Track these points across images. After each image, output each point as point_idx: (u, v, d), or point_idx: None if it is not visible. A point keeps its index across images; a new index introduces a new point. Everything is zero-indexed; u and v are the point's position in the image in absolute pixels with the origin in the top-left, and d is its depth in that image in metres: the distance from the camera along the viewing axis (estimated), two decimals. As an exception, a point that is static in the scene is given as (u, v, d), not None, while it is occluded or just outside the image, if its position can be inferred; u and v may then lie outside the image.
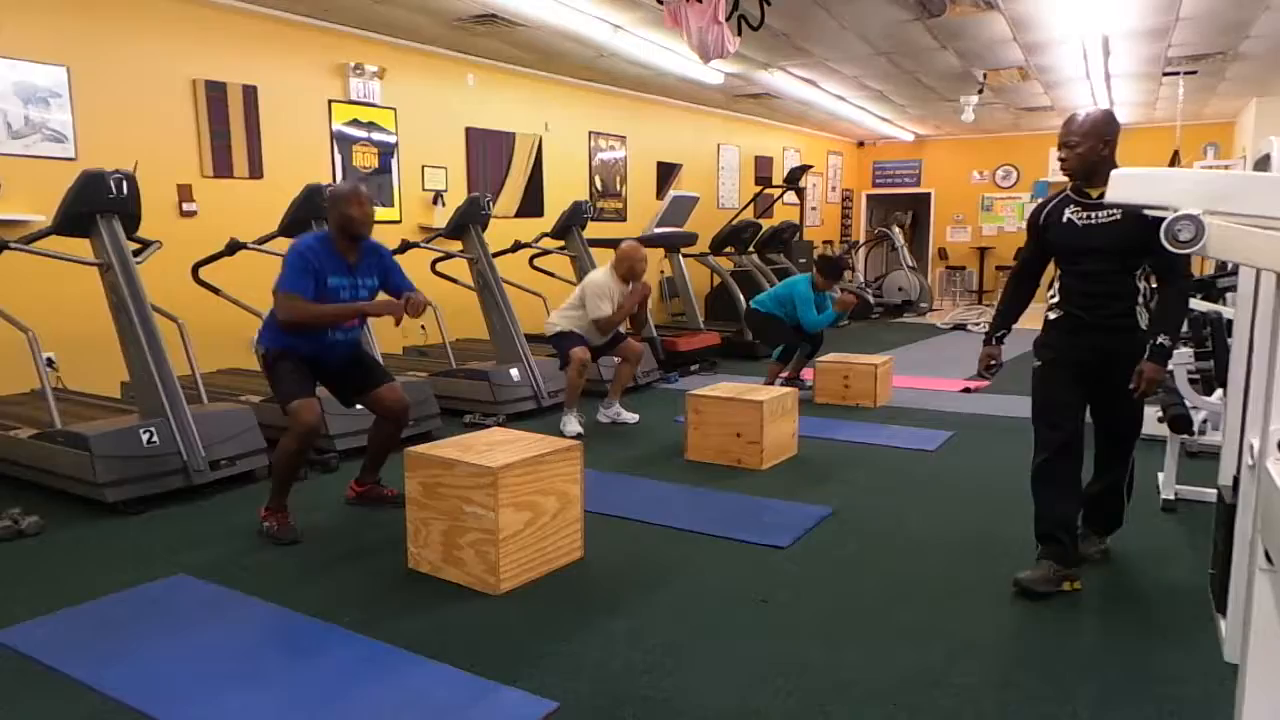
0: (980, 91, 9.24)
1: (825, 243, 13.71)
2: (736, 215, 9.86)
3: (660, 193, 10.09)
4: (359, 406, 3.77)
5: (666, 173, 10.42)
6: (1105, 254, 2.69)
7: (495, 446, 3.01)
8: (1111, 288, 2.72)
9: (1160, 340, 2.62)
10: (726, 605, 2.75)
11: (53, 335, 4.17)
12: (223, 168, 6.03)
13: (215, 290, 4.83)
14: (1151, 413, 3.27)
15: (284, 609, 2.70)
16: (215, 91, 5.94)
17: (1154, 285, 2.76)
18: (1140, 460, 3.06)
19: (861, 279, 13.24)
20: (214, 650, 2.43)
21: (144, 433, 3.72)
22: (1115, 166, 2.33)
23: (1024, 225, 3.55)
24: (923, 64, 8.09)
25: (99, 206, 3.84)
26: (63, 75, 5.22)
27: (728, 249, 8.94)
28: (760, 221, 9.59)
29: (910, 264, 12.49)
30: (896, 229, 12.74)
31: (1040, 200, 3.01)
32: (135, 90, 5.55)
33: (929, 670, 2.32)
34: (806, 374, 6.44)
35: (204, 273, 4.86)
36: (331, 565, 3.10)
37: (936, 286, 13.85)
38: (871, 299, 11.74)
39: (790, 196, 11.59)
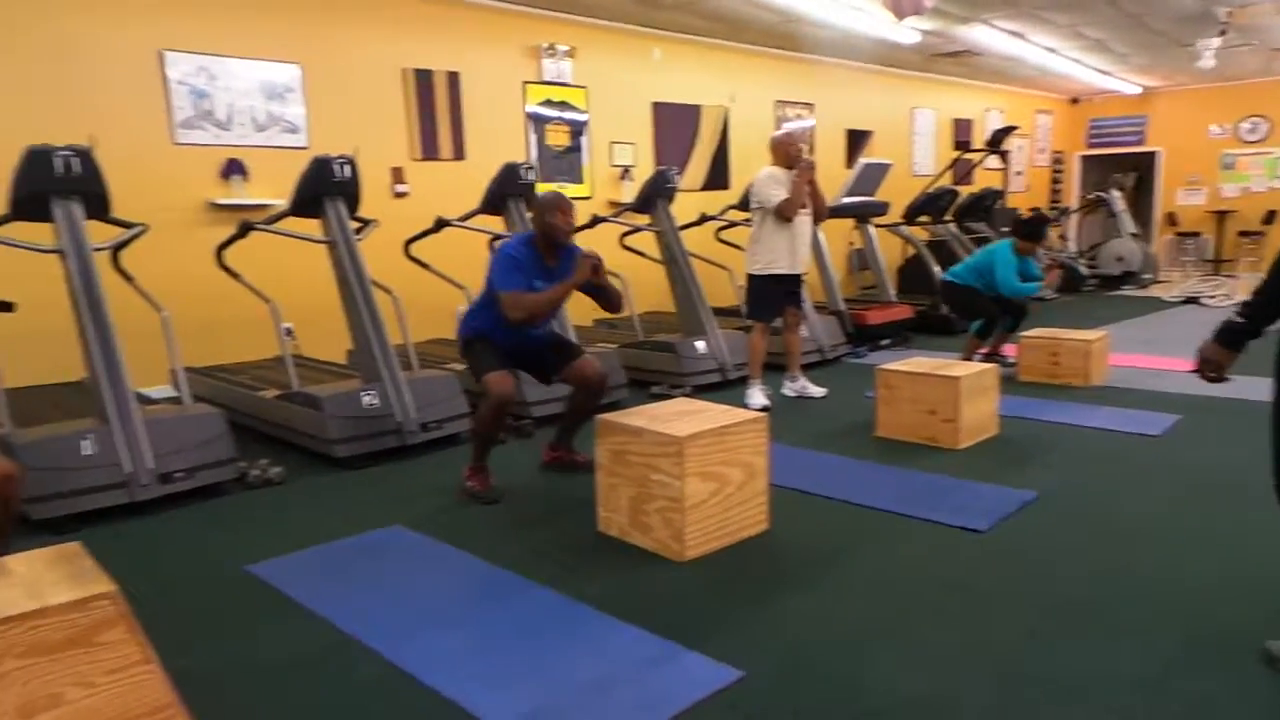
0: (1223, 33, 8.20)
1: (1032, 209, 12.74)
2: (932, 182, 9.37)
3: (850, 161, 9.75)
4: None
5: (856, 140, 10.06)
6: None
7: (681, 416, 3.06)
8: None
9: None
10: (918, 588, 2.66)
11: (290, 307, 4.65)
12: (430, 150, 6.45)
13: (424, 265, 5.20)
14: None
15: (484, 562, 2.89)
16: (423, 79, 6.35)
17: None
18: None
19: (1073, 248, 12.22)
20: (424, 595, 2.65)
21: (365, 395, 4.08)
22: None
23: (1278, 184, 3.07)
24: (1150, 5, 7.28)
25: (327, 189, 4.23)
26: (297, 72, 5.77)
27: (922, 218, 8.53)
28: (958, 188, 9.06)
29: (1132, 231, 11.35)
30: (1116, 192, 11.59)
31: None
32: (355, 82, 6.05)
33: (1149, 674, 2.13)
34: (1009, 350, 6.05)
35: (414, 249, 5.24)
36: (527, 524, 3.28)
37: (1162, 255, 12.52)
38: (1085, 269, 10.82)
39: (993, 160, 10.85)
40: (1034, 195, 13.18)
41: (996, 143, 9.93)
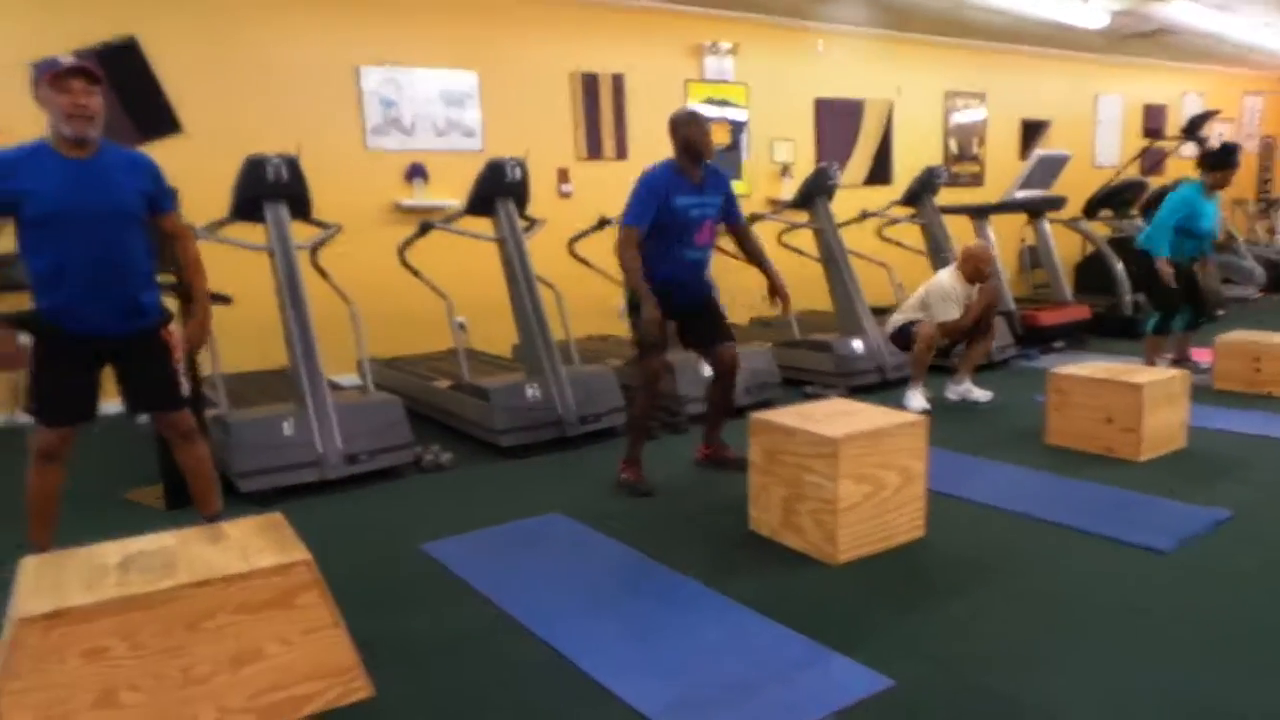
0: None
1: (1235, 203, 11.58)
2: (1117, 174, 8.70)
3: (1024, 153, 9.23)
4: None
5: (1032, 131, 9.50)
6: None
7: (836, 417, 3.02)
8: None
9: None
10: (1089, 608, 2.51)
11: (463, 302, 4.94)
12: (594, 151, 6.65)
13: (586, 263, 5.37)
14: None
15: (637, 552, 2.98)
16: (589, 82, 6.56)
17: None
18: None
19: (1284, 243, 11.01)
20: (580, 581, 2.76)
21: (529, 388, 4.28)
22: None
23: None
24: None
25: (499, 190, 4.46)
26: (474, 79, 6.11)
27: (1104, 212, 7.94)
28: (1147, 180, 8.38)
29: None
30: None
31: None
32: (527, 87, 6.33)
33: (1355, 716, 1.93)
34: (1201, 354, 5.56)
35: (577, 247, 5.42)
36: (679, 519, 3.34)
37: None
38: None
39: (1188, 149, 9.94)
40: (1238, 185, 11.94)
41: (1193, 130, 9.08)
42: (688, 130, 3.52)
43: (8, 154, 2.50)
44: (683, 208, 3.54)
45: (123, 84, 5.07)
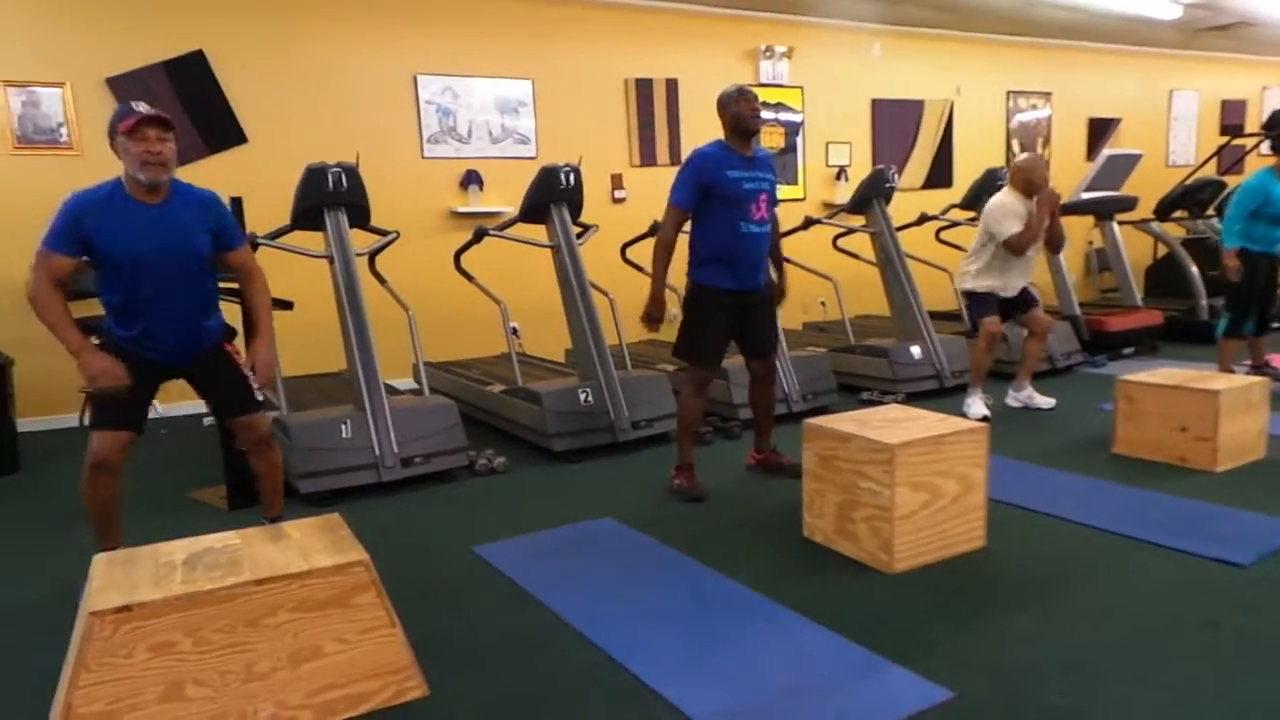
0: None
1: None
2: (1192, 173, 8.39)
3: (1091, 153, 8.97)
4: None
5: (1100, 129, 9.23)
6: None
7: (893, 423, 2.97)
8: None
9: None
10: (1158, 622, 2.41)
11: (516, 307, 4.98)
12: (648, 156, 6.67)
13: (639, 268, 5.37)
14: None
15: (690, 558, 2.96)
16: (643, 88, 6.58)
17: None
18: None
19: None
20: (632, 586, 2.76)
21: (582, 393, 4.30)
22: None
23: None
24: None
25: (553, 196, 4.49)
26: (528, 87, 6.18)
27: (1178, 213, 7.66)
28: (1225, 179, 8.06)
29: None
30: None
31: None
32: (582, 94, 6.37)
33: None
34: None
35: (630, 252, 5.43)
36: (732, 525, 3.31)
37: None
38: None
39: (1269, 146, 9.54)
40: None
41: (1276, 125, 8.71)
42: (736, 107, 3.50)
43: (87, 198, 2.61)
44: (735, 180, 3.50)
45: (190, 97, 5.26)
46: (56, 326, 2.57)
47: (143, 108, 2.59)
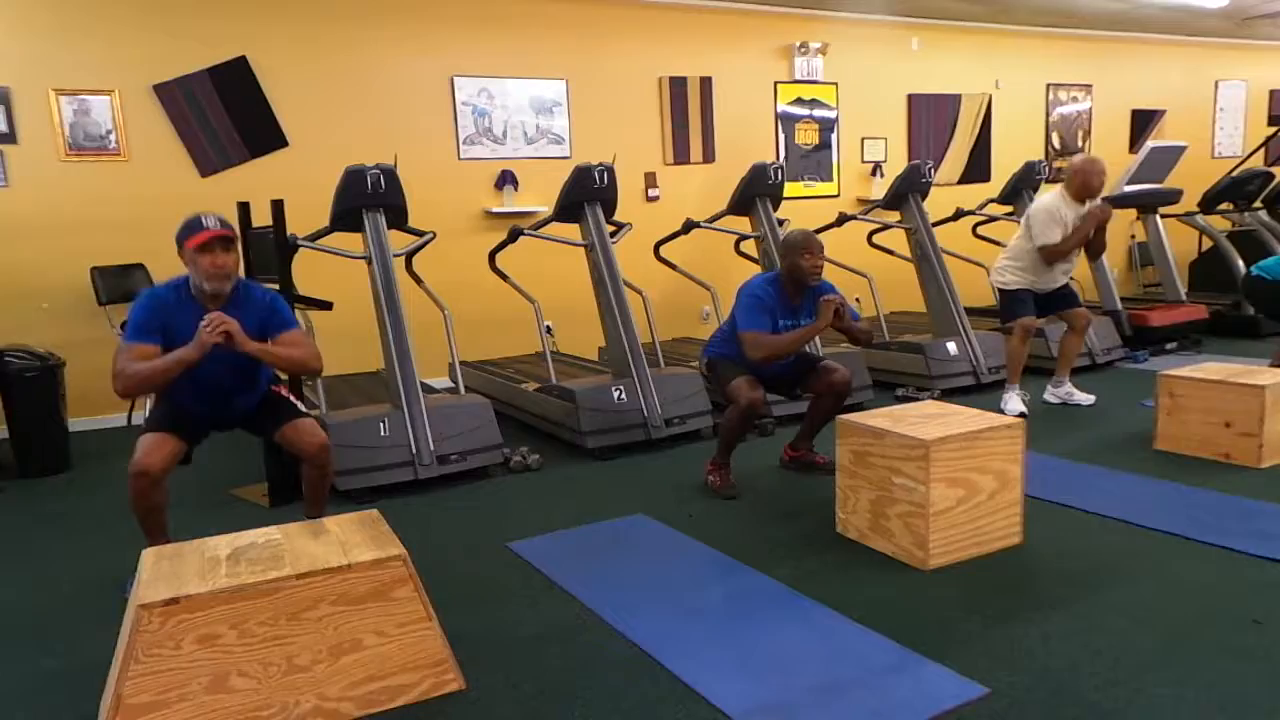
0: None
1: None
2: (1239, 164, 8.19)
3: (1135, 145, 8.79)
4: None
5: (1143, 121, 9.04)
6: None
7: (929, 419, 2.95)
8: None
9: None
10: (1202, 619, 2.37)
11: (550, 306, 5.02)
12: (681, 154, 6.67)
13: (673, 266, 5.39)
14: None
15: (723, 554, 2.96)
16: (677, 86, 6.58)
17: None
18: None
19: None
20: (666, 582, 2.77)
21: (615, 390, 4.32)
22: None
23: None
24: None
25: (587, 195, 4.52)
26: (563, 87, 6.21)
27: (1224, 205, 7.48)
28: (1273, 171, 7.85)
29: None
30: None
31: None
32: (615, 93, 6.40)
33: None
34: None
35: (663, 250, 5.45)
36: (765, 521, 3.31)
37: None
38: None
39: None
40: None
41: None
42: (799, 259, 3.53)
43: (162, 293, 2.78)
44: (780, 330, 3.58)
45: (233, 102, 5.37)
46: (163, 369, 2.65)
47: (211, 222, 2.73)
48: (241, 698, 1.96)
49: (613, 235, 4.63)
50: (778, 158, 6.98)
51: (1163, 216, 7.03)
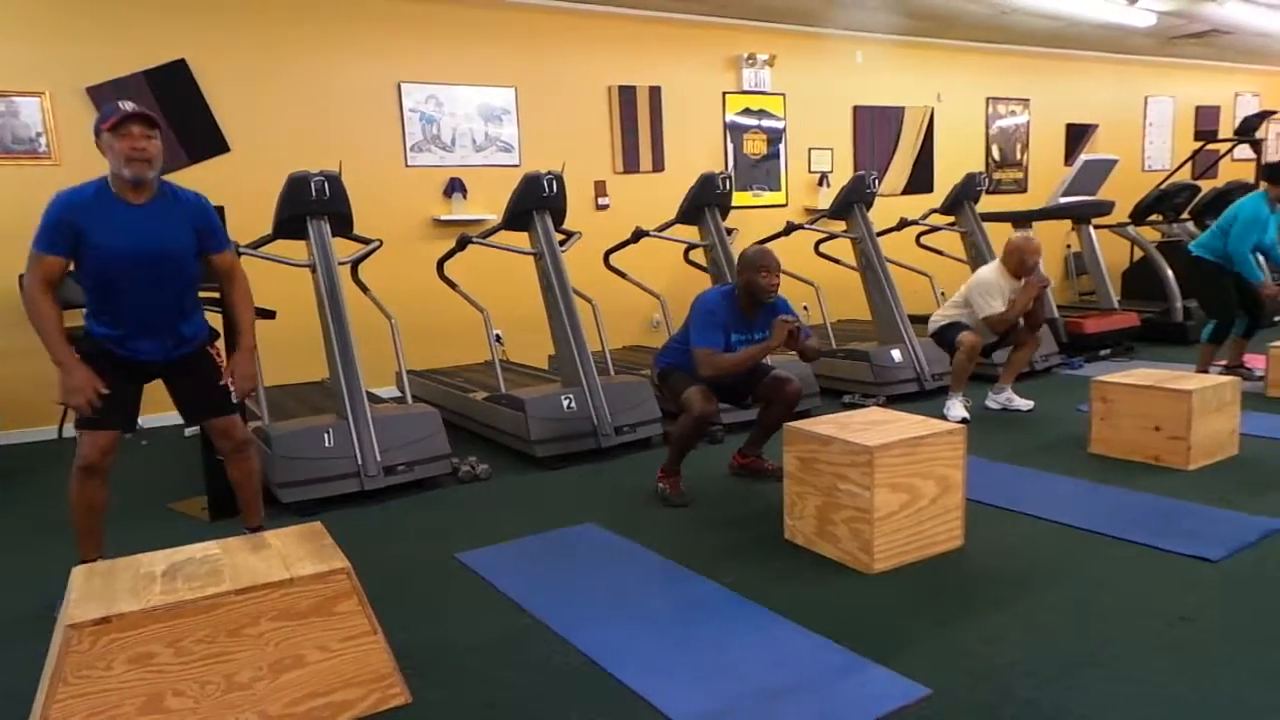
0: None
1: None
2: (1167, 178, 8.52)
3: (1069, 158, 9.08)
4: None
5: (1078, 135, 9.35)
6: None
7: (873, 426, 3.00)
8: None
9: None
10: (1133, 617, 2.45)
11: (499, 315, 4.99)
12: (631, 164, 6.69)
13: (622, 274, 5.40)
14: None
15: (672, 562, 2.97)
16: (627, 95, 6.61)
17: None
18: None
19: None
20: (614, 590, 2.77)
21: (565, 399, 4.31)
22: None
23: None
24: None
25: (536, 204, 4.51)
26: (512, 95, 6.19)
27: (1153, 217, 7.77)
28: (1199, 184, 8.18)
29: None
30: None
31: None
32: (565, 101, 6.39)
33: None
34: (1254, 360, 5.40)
35: (613, 259, 5.45)
36: (714, 528, 3.33)
37: None
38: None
39: (1244, 151, 9.70)
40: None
41: (1248, 130, 8.87)
42: (756, 276, 3.56)
43: (73, 196, 2.56)
44: (734, 344, 3.62)
45: (172, 106, 5.24)
46: (46, 334, 2.55)
47: (128, 106, 2.58)
48: (178, 718, 1.91)
49: (562, 244, 4.62)
50: (726, 167, 7.05)
51: (1096, 227, 7.28)
